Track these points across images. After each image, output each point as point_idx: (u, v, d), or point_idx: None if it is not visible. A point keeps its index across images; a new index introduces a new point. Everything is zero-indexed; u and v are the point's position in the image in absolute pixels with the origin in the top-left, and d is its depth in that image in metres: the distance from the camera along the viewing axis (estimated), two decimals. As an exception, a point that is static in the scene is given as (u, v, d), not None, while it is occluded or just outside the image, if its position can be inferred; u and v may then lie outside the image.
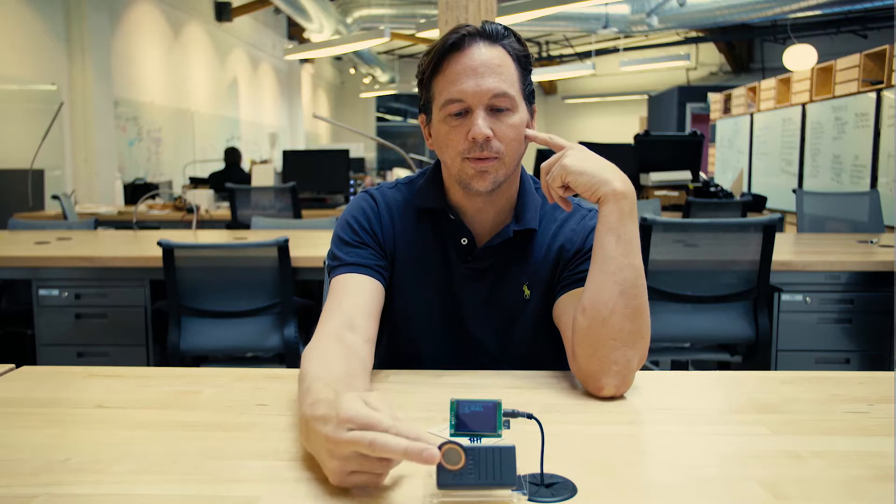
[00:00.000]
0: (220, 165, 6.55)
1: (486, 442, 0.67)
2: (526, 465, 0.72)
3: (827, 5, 7.74)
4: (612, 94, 16.77)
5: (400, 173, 7.17)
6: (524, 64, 1.09)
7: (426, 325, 1.17)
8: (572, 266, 1.12)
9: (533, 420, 0.70)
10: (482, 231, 1.15)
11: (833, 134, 5.61)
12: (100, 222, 3.61)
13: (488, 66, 1.04)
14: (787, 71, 6.74)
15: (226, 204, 5.10)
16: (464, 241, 1.14)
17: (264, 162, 7.92)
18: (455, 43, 1.05)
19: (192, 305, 2.27)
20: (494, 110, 1.04)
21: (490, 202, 1.12)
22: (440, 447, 0.65)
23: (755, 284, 2.28)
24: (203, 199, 5.02)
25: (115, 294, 2.54)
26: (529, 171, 1.24)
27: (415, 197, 1.18)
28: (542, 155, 5.35)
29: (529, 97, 1.10)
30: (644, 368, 1.04)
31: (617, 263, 0.97)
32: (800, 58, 6.84)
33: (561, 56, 15.77)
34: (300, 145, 13.39)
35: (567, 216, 1.17)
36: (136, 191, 5.84)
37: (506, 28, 1.08)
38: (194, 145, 9.07)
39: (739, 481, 0.71)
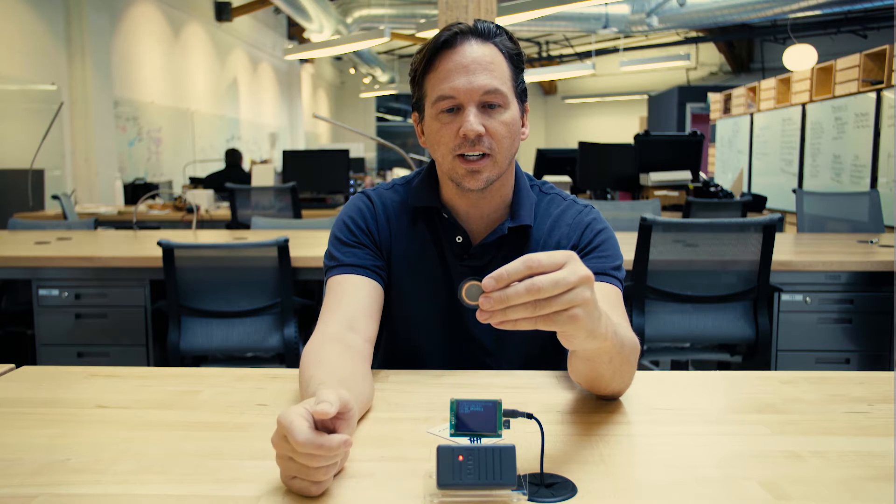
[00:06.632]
0: (220, 165, 6.55)
1: (486, 442, 0.67)
2: (526, 465, 0.72)
3: (827, 5, 7.74)
4: (612, 94, 16.77)
5: (400, 173, 7.16)
6: (516, 62, 1.09)
7: (425, 324, 1.17)
8: None
9: (533, 420, 0.70)
10: (477, 229, 1.15)
11: (833, 134, 5.61)
12: (100, 222, 3.61)
13: (480, 64, 1.04)
14: (787, 71, 6.74)
15: (226, 204, 5.10)
16: (459, 238, 1.14)
17: (264, 162, 7.93)
18: (447, 40, 1.05)
19: (192, 305, 2.27)
20: (486, 107, 1.05)
21: (484, 199, 1.12)
22: (462, 285, 0.68)
23: (755, 284, 2.28)
24: (203, 199, 5.02)
25: (115, 294, 2.53)
26: (529, 170, 1.24)
27: (410, 196, 1.18)
28: (542, 154, 5.34)
29: (521, 95, 1.10)
30: (644, 368, 1.04)
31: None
32: (800, 58, 6.84)
33: (561, 56, 15.77)
34: (300, 145, 13.39)
35: (561, 211, 1.17)
36: (136, 191, 5.85)
37: (498, 27, 1.09)
38: (194, 145, 9.07)
39: (739, 481, 0.71)
